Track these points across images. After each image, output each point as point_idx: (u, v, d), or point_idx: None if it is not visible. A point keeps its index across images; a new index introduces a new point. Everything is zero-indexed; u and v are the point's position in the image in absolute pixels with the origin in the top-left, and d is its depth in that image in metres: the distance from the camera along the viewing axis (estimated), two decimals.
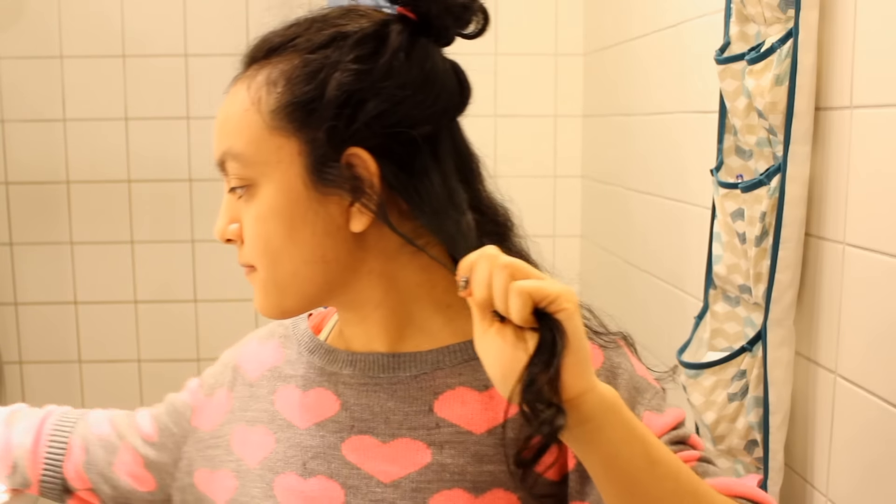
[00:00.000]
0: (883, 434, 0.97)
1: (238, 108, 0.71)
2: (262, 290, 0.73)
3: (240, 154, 0.70)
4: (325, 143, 0.68)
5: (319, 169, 0.68)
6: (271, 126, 0.69)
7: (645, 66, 1.80)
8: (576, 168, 2.34)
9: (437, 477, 0.71)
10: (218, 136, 0.72)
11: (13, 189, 2.27)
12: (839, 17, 1.03)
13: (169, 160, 2.28)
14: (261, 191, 0.70)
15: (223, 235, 0.74)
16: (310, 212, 0.69)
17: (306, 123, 0.68)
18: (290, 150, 0.69)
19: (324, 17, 0.72)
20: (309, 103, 0.68)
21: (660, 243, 1.71)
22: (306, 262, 0.70)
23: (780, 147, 1.09)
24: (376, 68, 0.68)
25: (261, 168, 0.69)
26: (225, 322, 2.33)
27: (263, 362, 0.82)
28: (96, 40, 2.23)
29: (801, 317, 1.13)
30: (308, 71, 0.69)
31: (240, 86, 0.73)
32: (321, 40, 0.70)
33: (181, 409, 0.87)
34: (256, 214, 0.70)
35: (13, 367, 2.32)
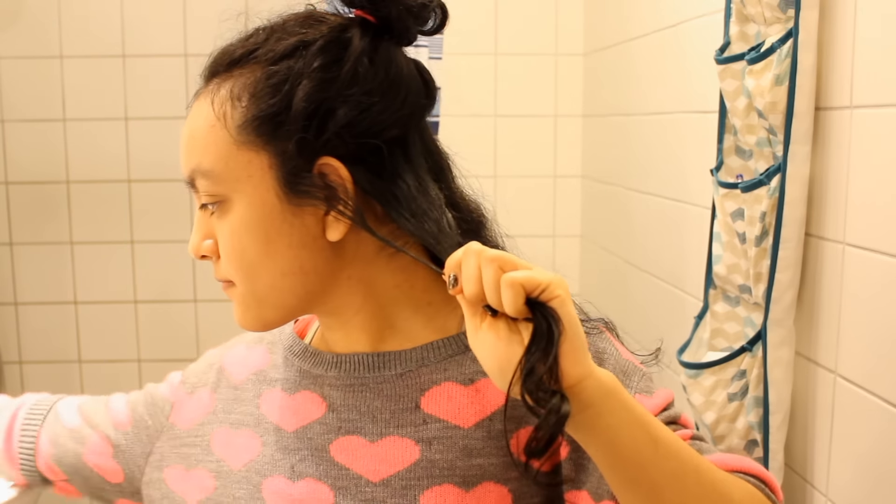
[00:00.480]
0: (883, 434, 0.97)
1: (203, 125, 0.70)
2: (242, 304, 0.73)
3: (209, 171, 0.69)
4: (296, 154, 0.67)
5: (292, 180, 0.68)
6: (239, 141, 0.68)
7: (645, 66, 1.80)
8: (576, 168, 2.34)
9: (427, 473, 0.71)
10: (185, 153, 0.72)
11: (13, 189, 2.27)
12: (839, 17, 1.03)
13: (169, 160, 2.26)
14: (233, 206, 0.70)
15: (197, 252, 0.74)
16: (285, 224, 0.69)
17: (275, 136, 0.68)
18: (261, 164, 0.68)
19: (283, 26, 0.72)
20: (276, 116, 0.67)
21: (660, 243, 1.71)
22: (284, 274, 0.70)
23: (780, 147, 1.09)
24: (341, 76, 0.68)
25: (231, 184, 0.69)
26: (225, 322, 2.31)
27: (249, 366, 0.82)
28: (96, 40, 2.22)
29: (801, 317, 1.13)
30: (273, 83, 0.68)
31: (203, 101, 0.71)
32: (283, 50, 0.69)
33: (160, 402, 0.87)
34: (230, 230, 0.70)
35: (13, 367, 2.32)
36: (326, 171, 0.68)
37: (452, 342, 0.74)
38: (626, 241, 1.96)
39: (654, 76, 1.74)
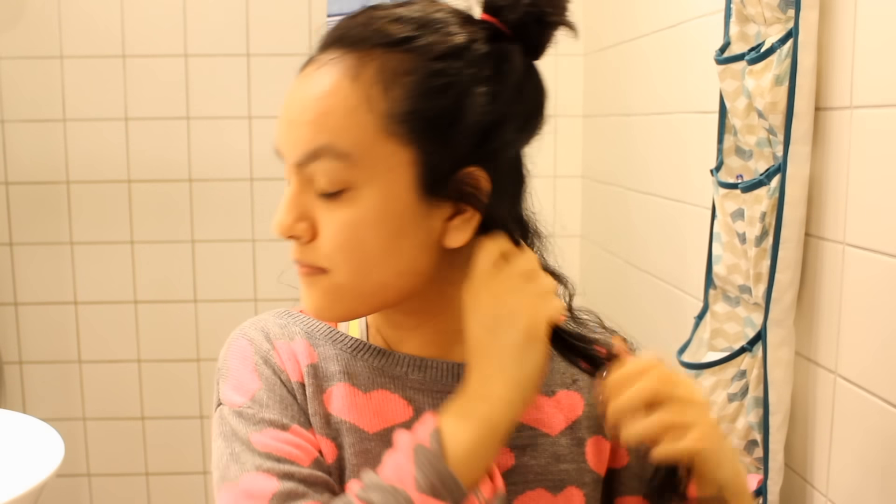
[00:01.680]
0: (883, 434, 0.97)
1: (341, 102, 0.64)
2: (332, 295, 0.68)
3: (345, 154, 0.64)
4: (450, 159, 0.65)
5: (433, 182, 0.65)
6: (387, 131, 0.64)
7: (645, 66, 1.80)
8: (576, 168, 2.34)
9: (522, 479, 0.72)
10: (311, 127, 0.65)
11: (13, 189, 2.27)
12: (839, 17, 1.03)
13: (169, 160, 2.28)
14: (361, 195, 0.65)
15: (288, 232, 0.67)
16: (414, 223, 0.66)
17: (431, 137, 0.65)
18: (403, 159, 0.65)
19: (429, 19, 0.67)
20: (440, 118, 0.65)
21: (660, 243, 1.71)
22: (399, 273, 0.67)
23: (780, 147, 1.09)
24: (508, 91, 0.67)
25: (367, 172, 0.64)
26: (225, 322, 2.31)
27: (301, 361, 0.73)
28: (96, 40, 2.22)
29: (801, 317, 1.13)
30: (439, 83, 0.65)
31: (334, 73, 0.65)
32: (445, 48, 0.65)
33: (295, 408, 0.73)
34: (353, 219, 0.65)
35: (13, 367, 2.32)
36: (467, 181, 0.66)
37: None
38: (626, 241, 1.96)
39: (654, 76, 1.74)
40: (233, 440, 0.67)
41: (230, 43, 2.25)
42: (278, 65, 2.25)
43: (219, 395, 0.72)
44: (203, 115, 2.27)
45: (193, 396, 2.35)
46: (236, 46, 2.25)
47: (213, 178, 2.29)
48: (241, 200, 2.30)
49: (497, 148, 0.67)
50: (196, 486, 2.38)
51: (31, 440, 1.46)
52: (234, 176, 2.29)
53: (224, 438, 0.68)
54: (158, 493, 2.38)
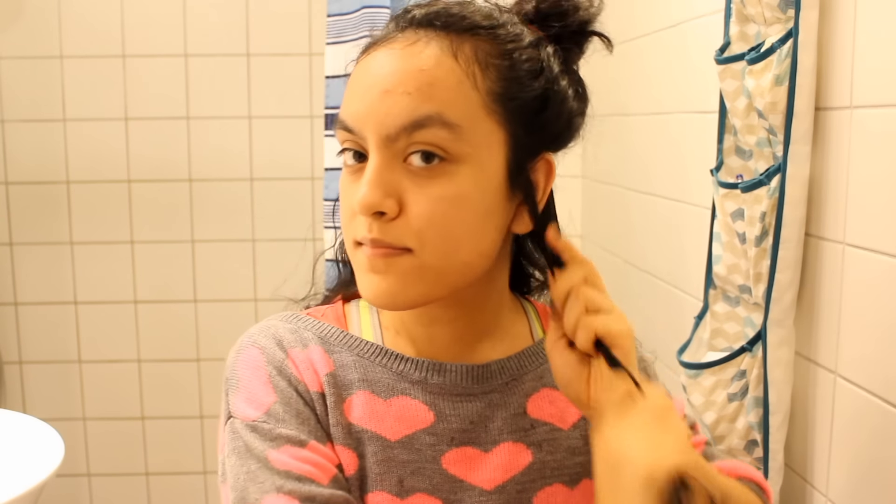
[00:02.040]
0: (883, 434, 0.97)
1: (448, 75, 0.64)
2: (413, 277, 0.65)
3: (455, 124, 0.64)
4: (535, 144, 0.69)
5: (517, 165, 0.68)
6: (488, 108, 0.65)
7: (645, 66, 1.80)
8: (576, 168, 2.34)
9: (540, 475, 0.73)
10: (417, 96, 0.64)
11: (13, 189, 2.27)
12: (839, 17, 1.03)
13: (169, 160, 2.28)
14: (461, 170, 0.64)
15: (377, 207, 0.64)
16: (501, 204, 0.68)
17: (522, 120, 0.67)
18: (499, 138, 0.66)
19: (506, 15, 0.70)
20: (532, 103, 0.67)
21: (660, 243, 1.71)
22: (481, 254, 0.68)
23: (780, 147, 1.09)
24: (580, 83, 0.72)
25: (471, 146, 0.65)
26: (225, 322, 2.33)
27: (319, 370, 0.71)
28: (96, 40, 2.23)
29: (801, 317, 1.13)
30: (532, 68, 0.67)
31: (432, 49, 0.65)
32: (527, 40, 0.68)
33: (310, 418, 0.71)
34: (450, 194, 0.64)
35: (13, 367, 2.32)
36: (540, 167, 0.70)
37: (541, 347, 0.78)
38: (626, 241, 1.96)
39: (654, 76, 1.74)
40: (248, 458, 0.65)
41: (230, 43, 2.25)
42: (278, 65, 2.25)
43: (229, 408, 0.69)
44: (203, 115, 2.27)
45: (193, 396, 2.35)
46: (236, 46, 2.25)
47: (213, 178, 2.29)
48: (241, 200, 2.30)
49: (570, 138, 0.72)
50: (196, 486, 2.38)
51: (31, 440, 1.46)
52: (234, 176, 2.29)
53: (238, 455, 0.66)
54: (158, 493, 2.38)
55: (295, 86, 2.23)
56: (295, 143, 2.26)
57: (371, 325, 0.75)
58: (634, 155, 1.88)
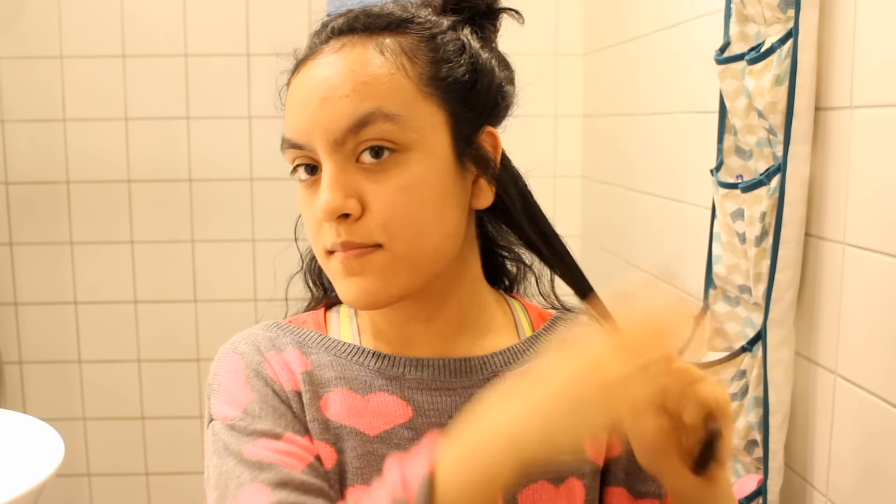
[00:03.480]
0: (883, 434, 0.97)
1: (379, 71, 0.67)
2: (388, 271, 0.67)
3: (395, 115, 0.65)
4: (474, 119, 0.70)
5: (462, 141, 0.70)
6: (424, 92, 0.68)
7: (645, 66, 1.80)
8: (576, 168, 2.34)
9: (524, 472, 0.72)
10: (354, 97, 0.65)
11: (13, 189, 2.27)
12: (839, 17, 1.03)
13: (169, 160, 2.28)
14: (412, 158, 0.66)
15: (341, 210, 0.65)
16: (456, 183, 0.69)
17: (457, 97, 0.69)
18: (441, 119, 0.68)
19: (410, 7, 0.73)
20: (462, 79, 0.69)
21: (660, 243, 1.71)
22: (448, 235, 0.69)
23: (780, 147, 1.09)
24: (501, 57, 0.75)
25: (416, 132, 0.66)
26: (225, 322, 2.33)
27: (296, 369, 0.73)
28: (96, 40, 2.22)
29: (801, 317, 1.13)
30: (455, 48, 0.70)
31: (359, 51, 0.68)
32: (443, 26, 0.71)
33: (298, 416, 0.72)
34: (406, 183, 0.66)
35: (13, 367, 2.32)
36: (485, 140, 0.72)
37: (529, 346, 0.77)
38: (626, 241, 1.96)
39: (654, 76, 1.74)
40: (225, 456, 0.66)
41: (230, 43, 2.25)
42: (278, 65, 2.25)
43: (210, 411, 0.71)
44: (203, 115, 2.27)
45: (193, 396, 2.35)
46: (236, 46, 2.25)
47: (213, 178, 2.29)
48: (241, 200, 2.30)
49: (505, 108, 0.74)
50: (196, 486, 2.38)
51: (31, 440, 1.46)
52: (234, 176, 2.29)
53: (217, 456, 0.67)
54: (158, 493, 2.38)
55: None
56: None
57: (350, 328, 0.77)
58: (634, 155, 1.88)
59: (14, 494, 1.25)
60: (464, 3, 0.74)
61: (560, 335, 0.78)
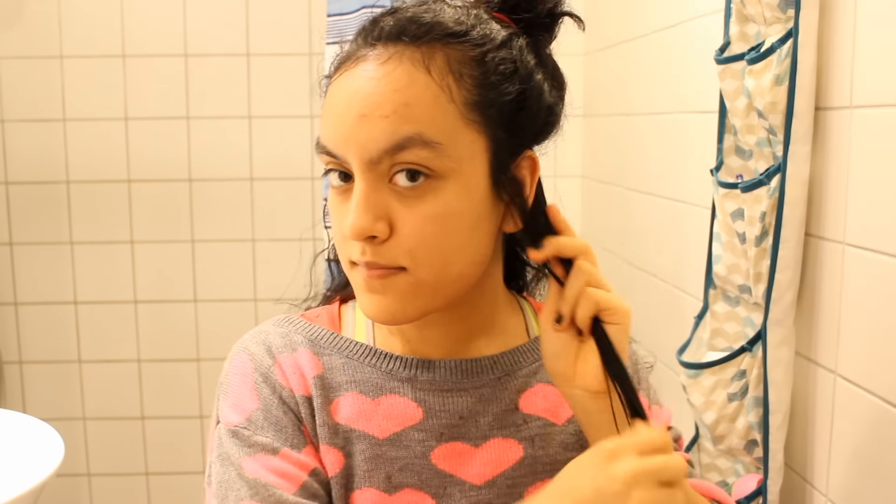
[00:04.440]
0: (883, 434, 0.97)
1: (423, 92, 0.64)
2: (409, 295, 0.66)
3: (435, 142, 0.63)
4: (517, 144, 0.68)
5: (501, 168, 0.67)
6: (467, 118, 0.65)
7: (645, 66, 1.80)
8: (576, 168, 2.34)
9: (531, 470, 0.73)
10: (395, 119, 0.63)
11: (13, 189, 2.27)
12: (839, 17, 1.03)
13: (169, 160, 2.28)
14: (447, 185, 0.64)
15: (369, 232, 0.64)
16: (490, 210, 0.68)
17: (502, 123, 0.66)
18: (481, 146, 0.66)
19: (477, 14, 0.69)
20: (510, 104, 0.66)
21: (660, 243, 1.71)
22: (475, 262, 0.68)
23: (780, 147, 1.09)
24: (555, 71, 0.72)
25: (454, 161, 0.64)
26: (225, 322, 2.33)
27: (307, 373, 0.72)
28: (96, 40, 2.23)
29: (801, 317, 1.13)
30: (506, 69, 0.66)
31: (405, 66, 0.64)
32: (498, 40, 0.67)
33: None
34: (435, 211, 0.64)
35: (13, 367, 2.32)
36: (524, 164, 0.69)
37: (537, 345, 0.78)
38: (626, 241, 1.96)
39: (654, 76, 1.74)
40: (228, 465, 0.67)
41: (230, 43, 2.25)
42: (278, 65, 2.25)
43: (218, 413, 0.72)
44: (203, 115, 2.27)
45: (193, 396, 2.35)
46: (236, 46, 2.25)
47: (213, 178, 2.29)
48: (241, 200, 2.30)
49: (552, 129, 0.72)
50: (196, 486, 2.38)
51: (31, 440, 1.46)
52: (234, 176, 2.29)
53: (221, 462, 0.68)
54: (158, 493, 2.38)
55: (295, 86, 2.23)
56: (295, 143, 2.26)
57: (364, 326, 0.76)
58: (634, 155, 1.88)
59: (14, 494, 1.25)
60: (523, 7, 0.70)
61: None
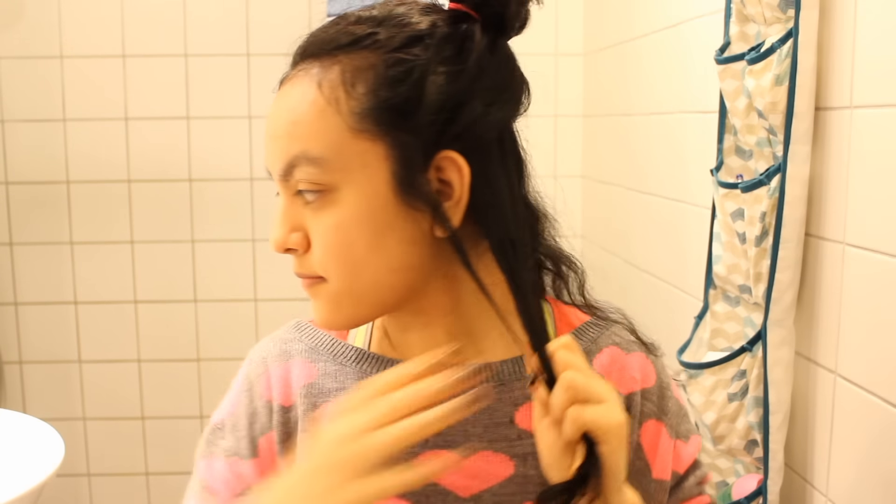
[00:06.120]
0: (883, 434, 0.97)
1: (310, 109, 0.65)
2: (334, 303, 0.68)
3: (318, 158, 0.64)
4: (420, 146, 0.64)
5: (409, 172, 0.65)
6: (355, 129, 0.64)
7: (645, 66, 1.80)
8: (576, 168, 2.34)
9: (521, 489, 0.70)
10: (285, 140, 0.66)
11: (13, 189, 2.27)
12: (839, 17, 1.03)
13: (169, 160, 2.28)
14: (341, 197, 0.65)
15: (284, 246, 0.68)
16: (398, 218, 0.65)
17: (397, 126, 0.64)
18: (377, 154, 0.64)
19: (391, 15, 0.68)
20: (402, 106, 0.64)
21: (660, 243, 1.71)
22: (391, 270, 0.66)
23: (780, 147, 1.09)
24: (468, 69, 0.65)
25: (343, 173, 0.64)
26: (225, 322, 2.33)
27: (296, 382, 0.74)
28: (96, 40, 2.23)
29: (801, 317, 1.13)
30: (399, 71, 0.64)
31: (303, 83, 0.66)
32: (403, 39, 0.65)
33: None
34: (336, 222, 0.65)
35: (13, 367, 2.32)
36: (444, 165, 0.65)
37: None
38: (626, 241, 1.96)
39: (654, 76, 1.74)
40: (197, 461, 0.75)
41: (230, 43, 2.25)
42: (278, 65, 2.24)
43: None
44: (203, 115, 2.27)
45: (193, 396, 2.35)
46: (236, 46, 2.25)
47: (213, 178, 2.29)
48: (241, 200, 2.30)
49: (467, 128, 0.65)
50: None
51: (31, 440, 1.46)
52: (234, 176, 2.29)
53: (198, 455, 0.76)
54: (158, 493, 2.38)
55: None
56: None
57: (365, 330, 0.77)
58: (634, 155, 1.88)
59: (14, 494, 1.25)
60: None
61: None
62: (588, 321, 0.77)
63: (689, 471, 0.75)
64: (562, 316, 0.77)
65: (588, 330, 0.76)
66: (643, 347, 0.76)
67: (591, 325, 0.76)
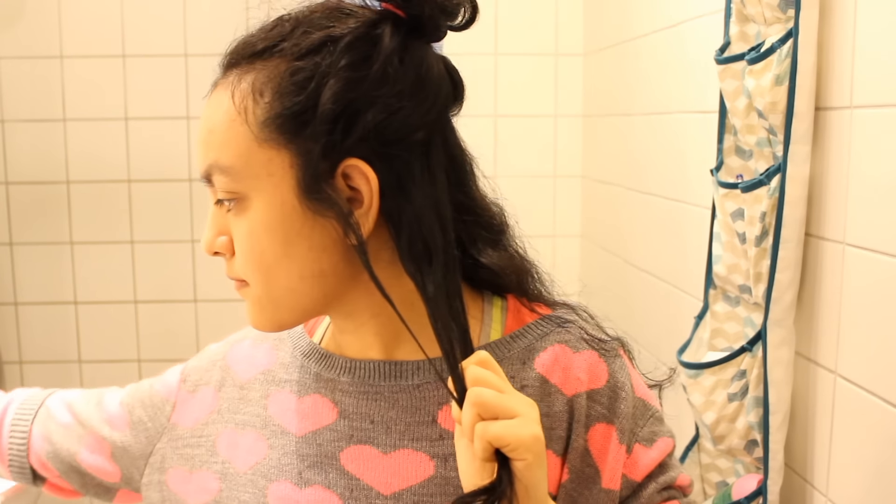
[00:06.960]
0: (883, 434, 0.97)
1: (223, 118, 0.67)
2: (257, 306, 0.70)
3: (227, 167, 0.66)
4: (320, 155, 0.64)
5: (314, 181, 0.65)
6: (260, 138, 0.65)
7: (645, 66, 1.80)
8: (576, 168, 2.34)
9: (441, 490, 0.69)
10: (203, 147, 0.68)
11: (13, 189, 2.27)
12: (839, 17, 1.03)
13: (169, 160, 2.28)
14: (251, 204, 0.66)
15: (210, 249, 0.71)
16: (305, 225, 0.66)
17: (298, 135, 0.64)
18: (282, 163, 0.65)
19: (309, 19, 0.68)
20: (300, 114, 0.64)
21: (660, 243, 1.71)
22: (302, 277, 0.67)
23: (780, 147, 1.09)
24: (370, 75, 0.64)
25: (251, 181, 0.66)
26: (225, 322, 2.32)
27: (256, 364, 0.79)
28: (96, 40, 2.23)
29: (801, 317, 1.13)
30: (298, 80, 0.64)
31: (221, 93, 0.68)
32: (309, 45, 0.65)
33: (159, 403, 0.83)
34: (248, 229, 0.67)
35: (13, 367, 2.32)
36: (351, 174, 0.65)
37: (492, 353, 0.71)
38: (626, 241, 1.96)
39: (654, 76, 1.74)
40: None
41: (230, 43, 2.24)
42: None
43: None
44: None
45: None
46: None
47: None
48: None
49: (370, 135, 0.64)
50: None
51: None
52: None
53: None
54: None
55: None
56: None
57: (324, 326, 0.80)
58: (634, 155, 1.88)
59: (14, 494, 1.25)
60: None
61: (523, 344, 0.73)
62: (537, 319, 0.74)
63: (649, 477, 0.72)
64: (516, 313, 0.76)
65: (535, 328, 0.74)
66: (597, 346, 0.73)
67: (540, 323, 0.74)
